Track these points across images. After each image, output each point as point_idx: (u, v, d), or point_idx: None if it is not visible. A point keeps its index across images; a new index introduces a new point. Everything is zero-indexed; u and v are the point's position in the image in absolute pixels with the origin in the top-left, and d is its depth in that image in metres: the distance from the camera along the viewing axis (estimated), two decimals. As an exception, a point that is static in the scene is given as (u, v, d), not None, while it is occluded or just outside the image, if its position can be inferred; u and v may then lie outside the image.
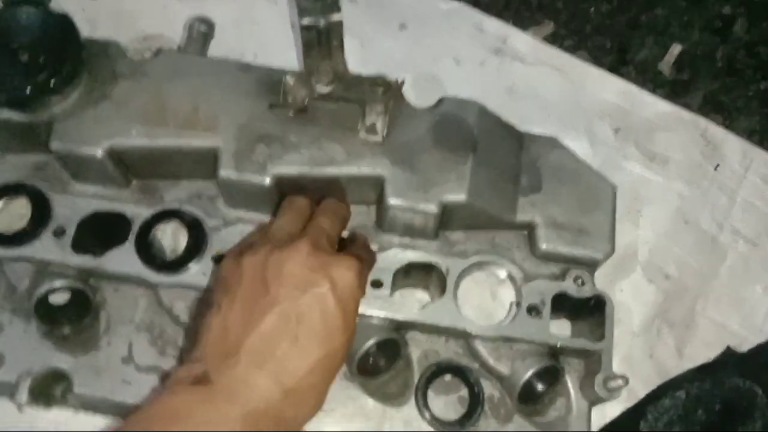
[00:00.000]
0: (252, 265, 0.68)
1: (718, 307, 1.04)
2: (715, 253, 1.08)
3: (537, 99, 1.17)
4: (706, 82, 1.32)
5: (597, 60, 1.26)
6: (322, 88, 0.81)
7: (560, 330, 0.94)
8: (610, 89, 1.19)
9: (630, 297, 1.03)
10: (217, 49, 1.03)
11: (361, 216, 0.90)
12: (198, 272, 0.85)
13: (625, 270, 1.05)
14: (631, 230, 1.08)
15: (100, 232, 0.88)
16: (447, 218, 0.86)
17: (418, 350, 0.88)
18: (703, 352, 1.01)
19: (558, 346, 0.84)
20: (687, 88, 1.31)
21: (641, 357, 1.00)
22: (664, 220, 1.09)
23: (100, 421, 0.90)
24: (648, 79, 1.31)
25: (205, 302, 0.84)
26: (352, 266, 0.71)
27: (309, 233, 0.74)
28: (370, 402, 0.86)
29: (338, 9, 0.74)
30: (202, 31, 0.94)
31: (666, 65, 1.32)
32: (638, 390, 0.97)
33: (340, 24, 0.75)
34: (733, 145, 1.16)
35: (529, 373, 0.83)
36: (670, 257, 1.06)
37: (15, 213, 0.89)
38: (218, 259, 0.85)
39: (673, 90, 1.30)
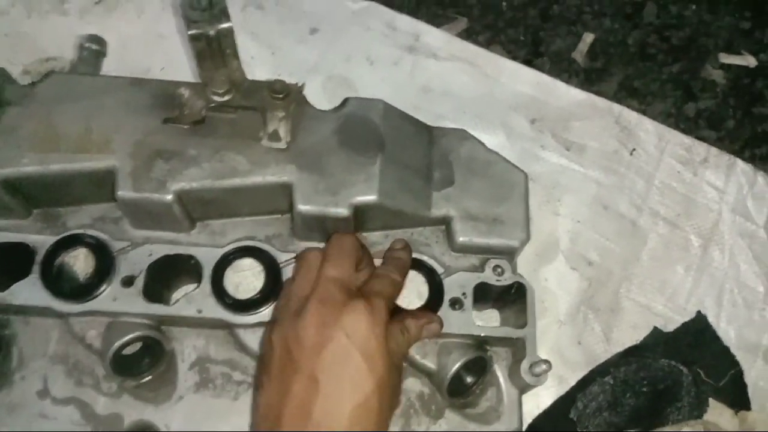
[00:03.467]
0: (278, 338, 0.72)
1: (642, 289, 1.05)
2: (636, 237, 1.09)
3: (452, 95, 1.17)
4: (620, 68, 1.34)
5: (511, 53, 1.27)
6: (219, 98, 0.79)
7: (490, 320, 0.94)
8: (524, 81, 1.20)
9: (555, 285, 1.04)
10: (123, 65, 1.00)
11: (275, 225, 0.88)
12: (107, 297, 0.82)
13: (548, 259, 1.05)
14: (551, 219, 1.09)
15: (3, 265, 0.84)
16: (361, 220, 0.84)
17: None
18: (630, 335, 1.02)
19: (482, 336, 0.83)
20: (601, 76, 1.33)
21: (569, 344, 1.00)
22: (584, 207, 1.10)
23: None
24: (563, 69, 1.33)
25: (254, 384, 0.85)
26: (359, 309, 0.71)
27: (317, 290, 0.73)
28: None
29: (227, 16, 0.73)
30: (93, 49, 0.91)
31: (579, 54, 1.34)
32: (569, 378, 0.97)
33: (230, 31, 0.73)
34: (647, 128, 1.18)
35: (457, 366, 0.82)
36: (591, 244, 1.07)
37: None
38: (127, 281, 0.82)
39: (588, 78, 1.32)
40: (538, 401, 0.96)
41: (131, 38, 1.11)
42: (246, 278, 0.85)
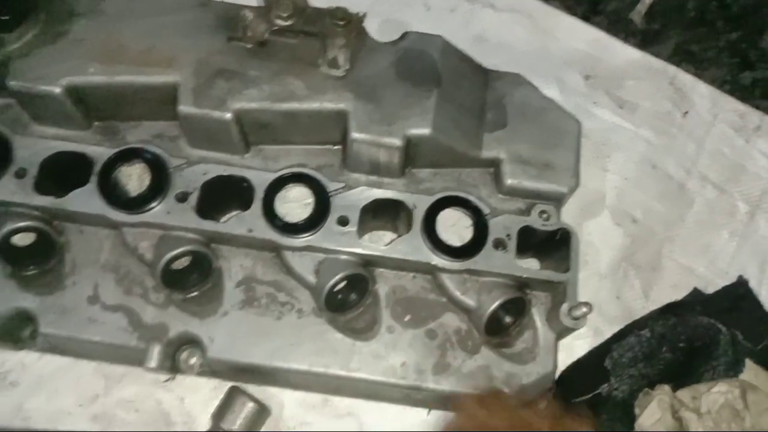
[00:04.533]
0: None
1: (684, 250, 1.05)
2: (682, 199, 1.08)
3: (506, 47, 1.16)
4: (677, 32, 1.32)
5: (569, 9, 1.26)
6: (282, 22, 0.80)
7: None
8: (580, 37, 1.19)
9: (597, 239, 1.04)
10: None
11: (327, 156, 0.90)
12: (161, 211, 0.84)
13: (593, 213, 1.05)
14: (599, 175, 1.08)
15: (62, 173, 0.87)
16: (412, 154, 0.85)
17: (386, 286, 0.89)
18: (669, 294, 1.01)
19: (524, 277, 0.84)
20: (658, 38, 1.31)
21: (608, 298, 1.01)
22: (632, 165, 1.09)
23: (64, 362, 0.90)
24: (619, 29, 1.31)
25: None
26: None
27: None
28: (338, 336, 0.86)
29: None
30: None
31: (637, 15, 1.32)
32: (605, 330, 0.98)
33: (299, -45, 0.74)
34: (702, 92, 1.16)
35: (496, 304, 0.83)
36: (637, 202, 1.07)
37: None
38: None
39: (644, 40, 1.30)
40: (572, 351, 0.96)
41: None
42: (293, 209, 0.87)
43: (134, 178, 0.91)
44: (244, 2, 0.86)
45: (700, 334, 0.94)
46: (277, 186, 0.86)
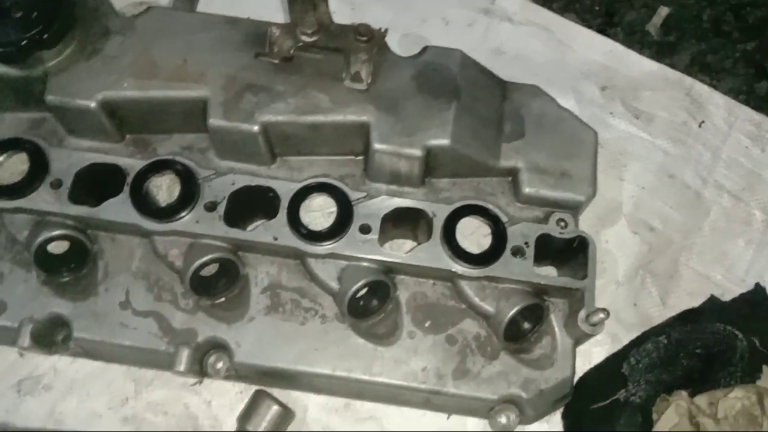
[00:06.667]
0: None
1: (701, 258, 1.06)
2: (699, 207, 1.10)
3: (524, 59, 1.19)
4: (693, 43, 1.33)
5: (585, 22, 1.28)
6: (307, 38, 0.84)
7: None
8: (597, 49, 1.21)
9: (615, 247, 1.06)
10: (208, 7, 1.05)
11: (349, 166, 0.92)
12: (191, 220, 0.87)
13: (610, 222, 1.07)
14: (616, 184, 1.10)
15: (95, 184, 0.90)
16: (432, 164, 0.88)
17: (407, 293, 0.91)
18: (686, 301, 1.03)
19: (542, 284, 0.86)
20: (674, 50, 1.32)
21: (625, 305, 1.03)
22: (649, 174, 1.11)
23: (95, 366, 0.93)
24: (635, 41, 1.32)
25: None
26: None
27: None
28: (360, 341, 0.88)
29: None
30: (189, -8, 0.97)
31: (653, 27, 1.34)
32: (622, 337, 1.00)
33: (323, -27, 0.77)
34: (718, 102, 1.18)
35: (514, 310, 0.85)
36: (654, 210, 1.09)
37: (14, 168, 0.91)
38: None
39: (660, 51, 1.31)
40: (590, 357, 0.98)
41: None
42: (316, 218, 0.91)
43: (164, 188, 0.94)
44: (271, 19, 0.90)
45: (717, 341, 0.95)
46: (301, 195, 0.89)
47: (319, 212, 0.93)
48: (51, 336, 0.89)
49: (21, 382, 0.94)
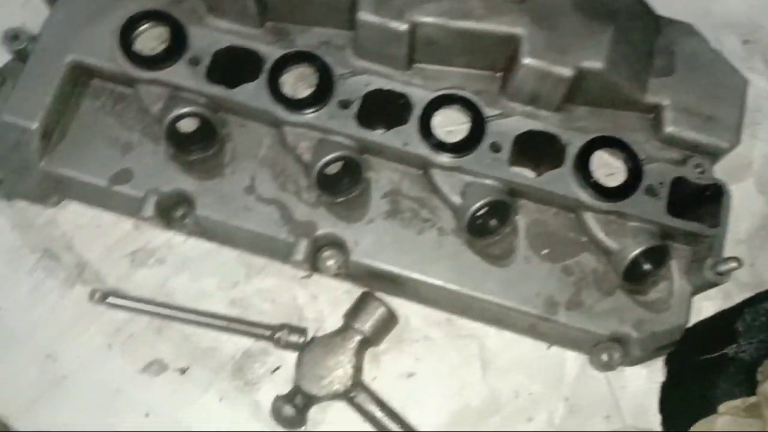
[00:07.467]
0: None
1: (828, 228, 1.02)
2: (833, 174, 1.05)
3: (664, 4, 1.13)
4: None
5: (735, -29, 1.21)
6: (469, -61, 0.81)
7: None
8: (742, 0, 1.15)
9: (739, 205, 1.01)
10: None
11: (484, 82, 0.90)
12: (324, 115, 0.87)
13: (737, 178, 1.02)
14: (748, 141, 1.05)
15: (229, 68, 0.90)
16: (576, 88, 0.85)
17: (527, 219, 0.90)
18: (805, 268, 0.99)
19: (673, 226, 0.84)
20: (822, 9, 1.25)
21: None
22: (784, 136, 1.06)
23: (208, 247, 0.95)
24: (782, -3, 1.25)
25: None
26: None
27: None
28: (475, 258, 0.88)
29: None
30: None
31: (803, -16, 1.26)
32: (734, 295, 0.97)
33: None
34: None
35: (640, 249, 0.83)
36: (785, 173, 1.04)
37: (154, 40, 0.92)
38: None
39: (808, 10, 1.24)
40: (699, 310, 0.95)
41: None
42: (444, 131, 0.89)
43: (289, 83, 0.93)
44: None
45: (839, 310, 0.92)
46: (435, 104, 0.87)
47: (439, 129, 0.91)
48: (171, 211, 0.91)
49: (134, 253, 0.96)
